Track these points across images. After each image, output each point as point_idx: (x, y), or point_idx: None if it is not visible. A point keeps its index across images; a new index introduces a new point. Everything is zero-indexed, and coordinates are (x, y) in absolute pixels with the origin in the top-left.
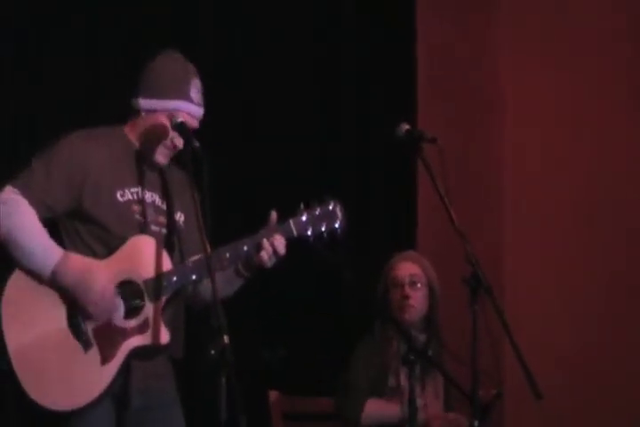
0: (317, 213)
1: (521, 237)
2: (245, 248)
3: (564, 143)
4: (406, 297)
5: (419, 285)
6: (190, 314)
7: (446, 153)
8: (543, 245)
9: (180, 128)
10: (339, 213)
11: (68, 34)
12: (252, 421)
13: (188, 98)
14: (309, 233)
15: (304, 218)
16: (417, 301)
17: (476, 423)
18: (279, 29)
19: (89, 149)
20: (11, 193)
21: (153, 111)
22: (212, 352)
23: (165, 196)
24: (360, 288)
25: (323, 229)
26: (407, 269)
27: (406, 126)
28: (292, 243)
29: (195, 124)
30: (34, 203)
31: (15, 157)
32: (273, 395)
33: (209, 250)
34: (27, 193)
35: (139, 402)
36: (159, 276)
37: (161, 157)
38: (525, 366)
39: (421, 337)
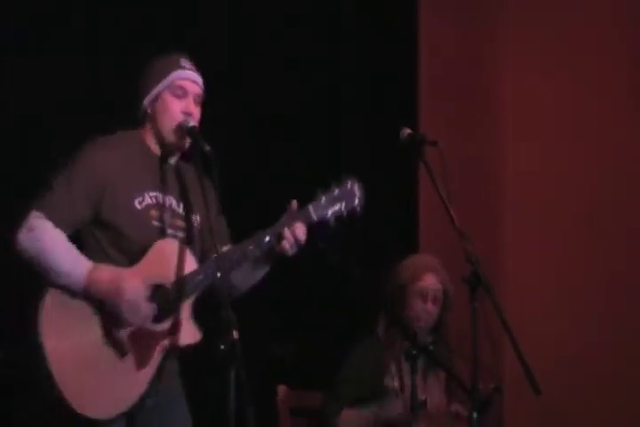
0: (336, 193)
1: (521, 236)
2: (267, 239)
3: (564, 143)
4: (428, 312)
5: (438, 298)
6: (200, 310)
7: (447, 153)
8: (543, 245)
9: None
10: (357, 192)
11: (68, 34)
12: (259, 415)
13: (180, 66)
14: (329, 215)
15: (323, 201)
16: (434, 313)
17: (475, 416)
18: (279, 29)
19: (106, 157)
20: (36, 218)
21: (157, 98)
22: (222, 347)
23: (182, 199)
24: (367, 287)
25: (342, 209)
26: (433, 283)
27: (408, 130)
28: (307, 242)
29: (197, 90)
30: (59, 222)
31: (15, 155)
32: (281, 390)
33: (220, 250)
34: (51, 214)
35: (151, 402)
36: (186, 277)
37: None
38: (524, 363)
39: (428, 338)
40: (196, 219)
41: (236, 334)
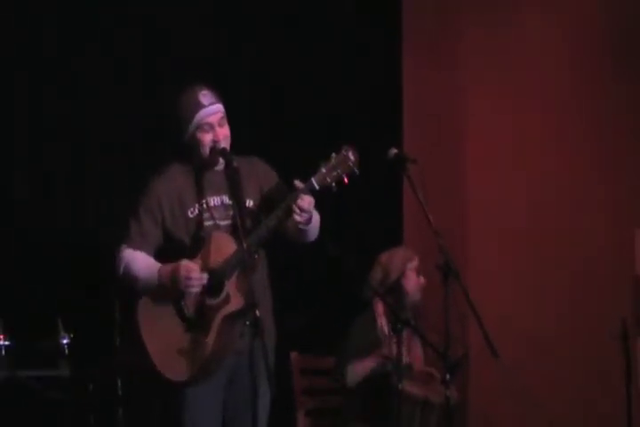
0: (334, 161)
1: (483, 233)
2: (281, 214)
3: (515, 151)
4: (420, 284)
5: None
6: None
7: (424, 168)
8: (500, 239)
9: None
10: (352, 157)
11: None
12: (277, 374)
13: (202, 106)
14: (329, 181)
15: (323, 170)
16: (423, 286)
17: (448, 376)
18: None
19: (162, 188)
20: (124, 249)
21: (191, 136)
22: (247, 323)
23: (232, 192)
24: (360, 274)
25: (340, 174)
26: (419, 264)
27: (395, 150)
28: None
29: (219, 116)
30: (140, 248)
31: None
32: (293, 355)
33: (245, 245)
34: (132, 244)
35: (231, 361)
36: (226, 259)
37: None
38: (484, 332)
39: (409, 316)
40: (250, 203)
41: (258, 313)
